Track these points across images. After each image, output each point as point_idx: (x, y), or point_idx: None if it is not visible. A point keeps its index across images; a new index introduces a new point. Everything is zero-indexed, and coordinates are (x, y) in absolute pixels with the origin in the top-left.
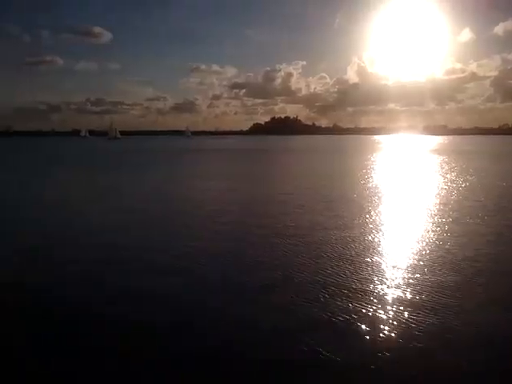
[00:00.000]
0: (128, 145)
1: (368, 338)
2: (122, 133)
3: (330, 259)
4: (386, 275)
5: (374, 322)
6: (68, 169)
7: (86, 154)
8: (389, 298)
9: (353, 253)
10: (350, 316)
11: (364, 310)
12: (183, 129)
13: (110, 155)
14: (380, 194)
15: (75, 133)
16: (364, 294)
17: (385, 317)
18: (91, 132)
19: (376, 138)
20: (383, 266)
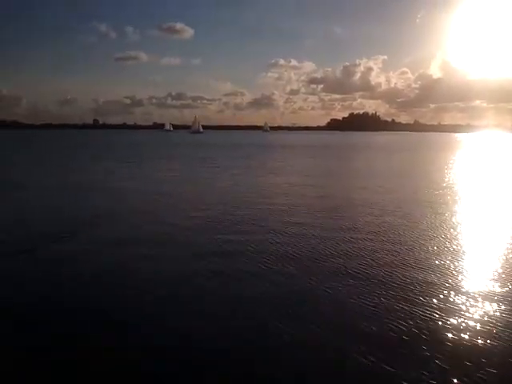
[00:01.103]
0: (215, 139)
1: None
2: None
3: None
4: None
5: None
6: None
7: (186, 144)
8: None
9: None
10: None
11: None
12: (260, 124)
13: (208, 147)
14: (459, 196)
15: (156, 126)
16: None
17: None
18: (174, 126)
19: (460, 135)
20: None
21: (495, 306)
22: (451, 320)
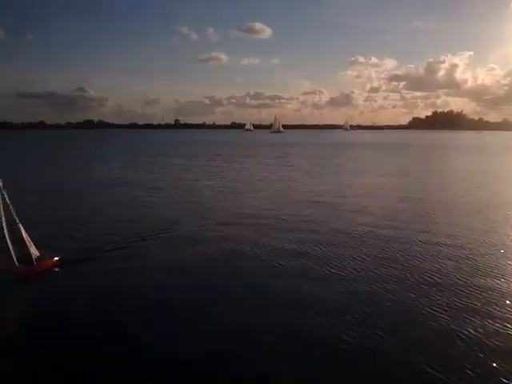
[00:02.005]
0: (296, 138)
1: None
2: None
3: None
4: None
5: None
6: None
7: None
8: None
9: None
10: None
11: None
12: (338, 123)
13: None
14: None
15: (234, 126)
16: None
17: None
18: (254, 126)
19: None
20: None
21: None
22: None
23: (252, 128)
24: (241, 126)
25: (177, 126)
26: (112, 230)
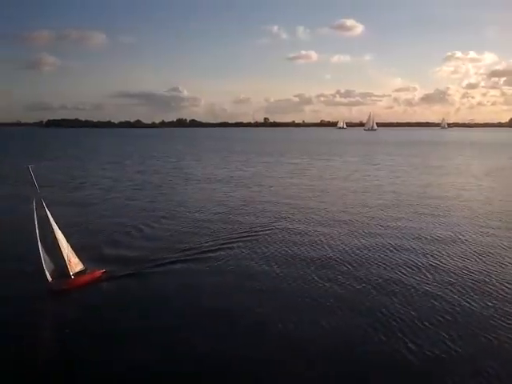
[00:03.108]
0: (390, 136)
1: None
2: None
3: None
4: None
5: None
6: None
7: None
8: None
9: None
10: None
11: None
12: (432, 120)
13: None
14: None
15: (323, 124)
16: None
17: None
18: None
19: None
20: None
21: None
22: None
23: (345, 126)
24: (330, 125)
25: (266, 124)
26: (184, 233)
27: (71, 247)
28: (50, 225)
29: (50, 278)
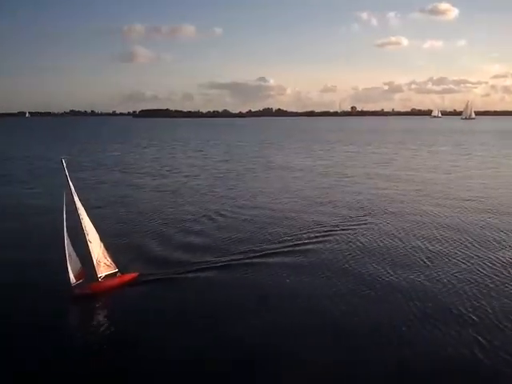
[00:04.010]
0: (492, 126)
1: None
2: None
3: None
4: None
5: None
6: None
7: None
8: None
9: None
10: None
11: None
12: None
13: None
14: None
15: (414, 113)
16: None
17: None
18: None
19: None
20: None
21: None
22: None
23: (440, 115)
24: (421, 113)
25: (353, 113)
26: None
27: (105, 247)
28: (82, 221)
29: (73, 281)
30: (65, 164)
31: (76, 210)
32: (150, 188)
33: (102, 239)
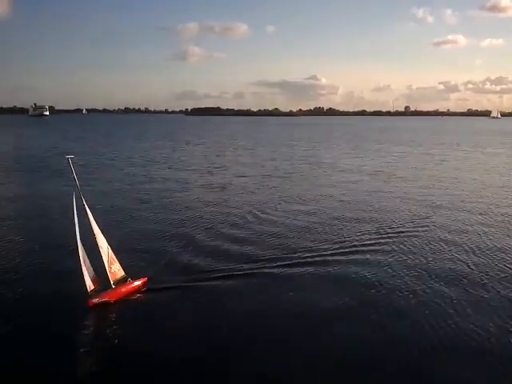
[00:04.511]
0: None
1: None
2: None
3: None
4: None
5: None
6: None
7: None
8: None
9: None
10: None
11: None
12: None
13: None
14: None
15: (470, 113)
16: None
17: None
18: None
19: None
20: None
21: None
22: None
23: (499, 115)
24: (478, 114)
25: (407, 113)
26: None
27: (113, 250)
28: (90, 224)
29: (89, 288)
30: (71, 163)
31: (85, 212)
32: (196, 185)
33: (109, 243)
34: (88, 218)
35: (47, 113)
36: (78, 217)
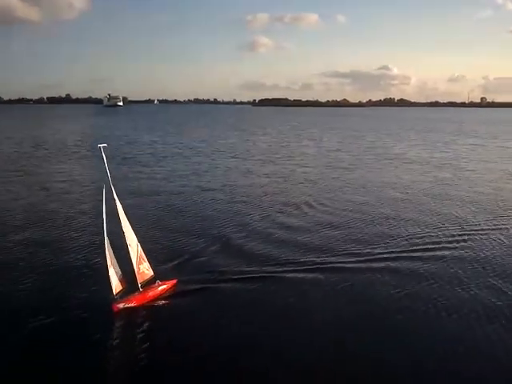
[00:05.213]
0: None
1: None
2: None
3: None
4: None
5: None
6: None
7: None
8: None
9: None
10: None
11: None
12: None
13: None
14: None
15: None
16: None
17: None
18: None
19: None
20: None
21: None
22: None
23: None
24: None
25: (483, 104)
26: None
27: (143, 249)
28: (120, 220)
29: (115, 291)
30: (103, 152)
31: (115, 206)
32: (258, 175)
33: (139, 240)
34: (117, 213)
35: (121, 103)
36: (106, 212)
